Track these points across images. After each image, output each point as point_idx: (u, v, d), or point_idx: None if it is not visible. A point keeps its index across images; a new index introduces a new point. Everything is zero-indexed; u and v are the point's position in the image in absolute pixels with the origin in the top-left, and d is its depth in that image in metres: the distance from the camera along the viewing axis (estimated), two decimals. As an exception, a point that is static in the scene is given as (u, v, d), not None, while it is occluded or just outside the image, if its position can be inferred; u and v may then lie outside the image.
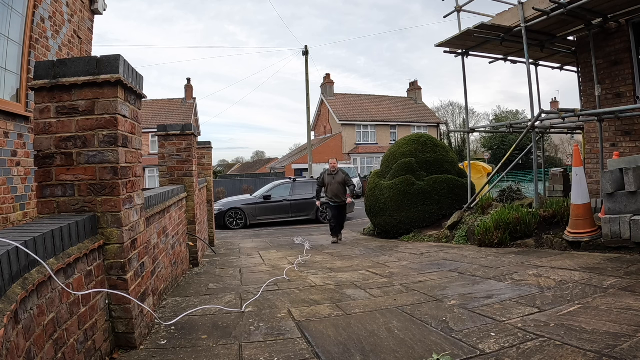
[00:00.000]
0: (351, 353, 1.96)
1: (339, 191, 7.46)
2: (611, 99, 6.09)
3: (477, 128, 10.64)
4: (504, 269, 3.69)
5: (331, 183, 7.48)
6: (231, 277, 4.13)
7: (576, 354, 1.73)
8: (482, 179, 10.53)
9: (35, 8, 3.81)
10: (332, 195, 7.50)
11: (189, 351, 2.07)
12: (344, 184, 7.50)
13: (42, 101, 1.96)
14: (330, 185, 7.50)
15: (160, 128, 4.76)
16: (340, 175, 7.50)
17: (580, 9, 5.32)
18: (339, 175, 7.50)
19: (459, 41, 6.84)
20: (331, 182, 7.48)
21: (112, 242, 1.98)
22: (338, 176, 7.50)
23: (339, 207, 7.58)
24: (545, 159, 9.89)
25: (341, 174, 7.54)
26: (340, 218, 7.69)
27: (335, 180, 7.47)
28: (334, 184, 7.46)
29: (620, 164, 4.23)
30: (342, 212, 7.72)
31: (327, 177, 7.59)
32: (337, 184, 7.46)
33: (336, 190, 7.46)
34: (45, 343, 1.42)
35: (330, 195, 7.53)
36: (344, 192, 7.53)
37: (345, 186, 7.52)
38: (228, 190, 23.22)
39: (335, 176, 7.51)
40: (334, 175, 7.52)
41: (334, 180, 7.48)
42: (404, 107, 33.75)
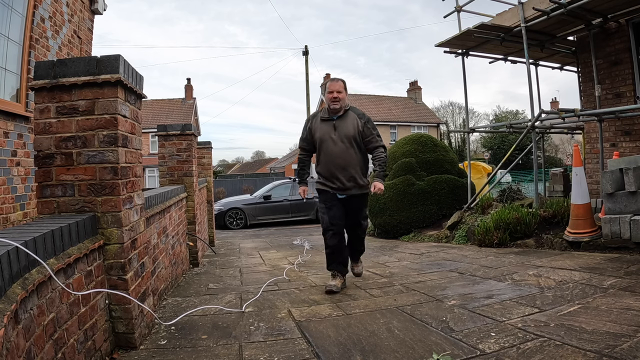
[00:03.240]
0: (351, 353, 1.96)
1: (348, 161, 3.30)
2: (611, 99, 6.09)
3: (477, 128, 10.65)
4: (504, 269, 3.69)
5: (331, 140, 3.32)
6: (231, 277, 4.13)
7: (576, 354, 1.73)
8: (482, 179, 10.53)
9: (35, 8, 3.81)
10: (334, 169, 3.31)
11: (189, 351, 2.07)
12: (364, 146, 3.38)
13: (42, 101, 1.95)
14: (327, 145, 3.33)
15: (160, 128, 4.76)
16: (353, 121, 3.34)
17: (580, 9, 5.32)
18: (349, 121, 3.33)
19: (458, 41, 6.84)
20: (330, 137, 3.32)
21: (112, 242, 1.98)
22: (347, 123, 3.33)
23: (350, 201, 3.38)
24: (545, 159, 9.89)
25: (355, 118, 3.36)
26: (352, 234, 3.57)
27: (342, 132, 3.30)
28: (339, 143, 3.30)
29: (620, 164, 4.23)
30: (355, 215, 3.47)
31: (321, 125, 3.40)
32: (346, 140, 3.29)
33: (343, 158, 3.29)
34: (45, 343, 1.42)
35: (328, 172, 3.36)
36: (362, 166, 3.40)
37: (364, 152, 3.41)
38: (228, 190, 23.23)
39: (342, 123, 3.33)
40: (338, 122, 3.34)
41: (339, 132, 3.31)
42: (404, 107, 33.74)
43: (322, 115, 3.44)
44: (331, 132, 3.34)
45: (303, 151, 3.60)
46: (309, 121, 3.53)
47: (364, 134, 3.35)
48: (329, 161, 3.35)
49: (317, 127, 3.42)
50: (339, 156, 3.31)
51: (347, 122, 3.35)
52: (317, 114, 3.52)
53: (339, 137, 3.31)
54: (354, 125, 3.33)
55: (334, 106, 3.35)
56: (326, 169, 3.38)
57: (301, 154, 3.63)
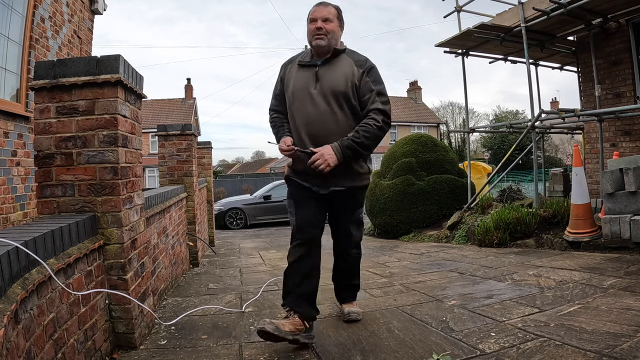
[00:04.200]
0: (351, 353, 1.96)
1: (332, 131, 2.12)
2: (611, 99, 6.09)
3: (477, 128, 10.66)
4: (504, 269, 3.69)
5: (308, 97, 2.16)
6: (231, 277, 4.13)
7: (576, 354, 1.73)
8: (482, 179, 10.53)
9: (35, 8, 3.81)
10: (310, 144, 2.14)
11: (189, 351, 2.07)
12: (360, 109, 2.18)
13: (42, 101, 1.95)
14: (303, 104, 2.17)
15: (160, 128, 4.76)
16: (347, 70, 2.16)
17: (580, 9, 5.32)
18: (340, 70, 2.17)
19: (458, 41, 6.84)
20: (308, 91, 2.16)
21: (112, 242, 1.98)
22: (337, 72, 2.16)
23: (336, 198, 2.24)
24: (545, 159, 9.89)
25: (350, 65, 2.18)
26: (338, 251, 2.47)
27: (328, 84, 2.14)
28: (319, 103, 2.13)
29: (620, 164, 4.23)
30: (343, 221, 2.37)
31: (298, 74, 2.24)
32: (332, 99, 2.13)
33: (324, 126, 2.13)
34: (45, 343, 1.42)
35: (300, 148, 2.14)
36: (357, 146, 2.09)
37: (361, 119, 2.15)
38: (228, 190, 23.23)
39: (328, 71, 2.17)
40: (324, 70, 2.18)
41: (322, 85, 2.15)
42: (404, 107, 33.74)
43: (302, 59, 2.25)
44: (310, 84, 2.13)
45: (275, 114, 2.33)
46: (283, 68, 2.33)
47: (362, 90, 2.13)
48: (302, 130, 2.14)
49: (291, 76, 2.23)
50: (318, 122, 2.11)
51: (337, 70, 2.14)
52: (295, 58, 2.32)
53: (321, 92, 2.11)
54: (346, 76, 2.12)
55: (318, 42, 2.14)
56: (298, 143, 2.17)
57: (273, 116, 2.34)
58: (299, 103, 2.20)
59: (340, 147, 2.07)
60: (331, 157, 2.05)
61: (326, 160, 2.04)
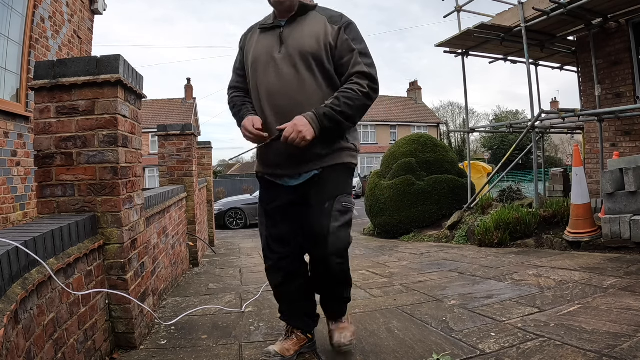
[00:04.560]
0: (351, 353, 1.96)
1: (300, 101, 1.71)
2: (611, 99, 6.10)
3: (477, 128, 10.66)
4: (504, 269, 3.69)
5: (271, 63, 1.76)
6: (231, 277, 4.13)
7: (576, 354, 1.73)
8: (482, 179, 10.53)
9: (35, 8, 3.81)
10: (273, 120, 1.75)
11: (189, 351, 2.07)
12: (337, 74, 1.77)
13: (42, 101, 1.96)
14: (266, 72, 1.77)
15: (160, 128, 4.76)
16: (318, 29, 1.75)
17: (580, 9, 5.32)
18: (308, 29, 1.76)
19: (458, 41, 6.85)
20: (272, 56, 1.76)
21: (112, 242, 1.98)
22: (304, 31, 1.76)
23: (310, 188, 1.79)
24: (545, 159, 9.90)
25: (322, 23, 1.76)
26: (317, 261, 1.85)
27: (294, 46, 1.73)
28: (284, 68, 1.73)
29: (620, 164, 4.23)
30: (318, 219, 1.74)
31: (260, 39, 1.84)
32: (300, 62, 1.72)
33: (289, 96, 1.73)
34: (45, 343, 1.42)
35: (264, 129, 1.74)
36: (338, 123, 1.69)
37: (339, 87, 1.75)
38: (228, 190, 23.23)
39: (295, 31, 1.77)
40: (289, 30, 1.78)
41: (288, 47, 1.74)
42: (404, 107, 33.76)
43: (264, 22, 1.89)
44: (274, 48, 1.77)
45: (235, 92, 1.94)
46: (244, 37, 1.95)
47: (339, 51, 1.73)
48: (265, 105, 1.77)
49: (252, 44, 1.86)
50: (283, 93, 1.73)
51: (305, 28, 1.76)
52: (257, 24, 1.94)
53: (287, 56, 1.73)
54: (317, 35, 1.74)
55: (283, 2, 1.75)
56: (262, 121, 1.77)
57: (233, 95, 1.94)
58: (261, 72, 1.79)
59: (316, 116, 1.65)
60: (306, 129, 1.62)
61: (300, 133, 1.61)
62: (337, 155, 1.81)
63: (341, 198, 1.78)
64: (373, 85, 1.75)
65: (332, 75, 1.78)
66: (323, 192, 1.77)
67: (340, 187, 1.80)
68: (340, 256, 1.80)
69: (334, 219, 1.74)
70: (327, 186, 1.77)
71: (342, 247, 1.79)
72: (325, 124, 1.67)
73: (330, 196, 1.76)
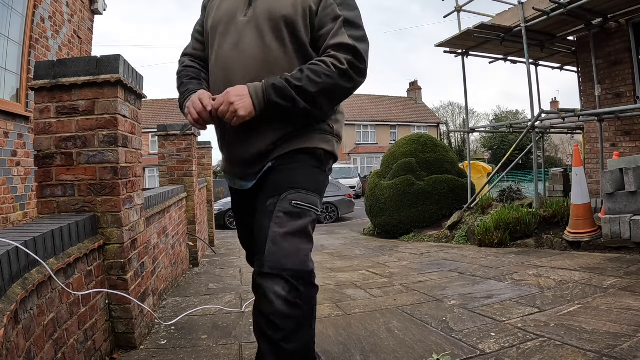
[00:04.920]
0: (351, 353, 1.96)
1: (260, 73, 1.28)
2: (611, 99, 6.10)
3: (477, 128, 10.66)
4: (504, 269, 3.69)
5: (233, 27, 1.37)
6: (231, 277, 4.13)
7: (576, 354, 1.73)
8: (482, 179, 10.53)
9: (35, 8, 3.82)
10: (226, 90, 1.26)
11: (189, 351, 2.07)
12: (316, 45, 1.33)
13: (42, 101, 1.96)
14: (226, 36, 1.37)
15: (160, 128, 4.76)
16: None
17: (580, 9, 5.32)
18: None
19: (458, 41, 6.85)
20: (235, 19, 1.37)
21: (112, 242, 1.98)
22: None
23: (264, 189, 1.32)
24: (545, 159, 9.90)
25: None
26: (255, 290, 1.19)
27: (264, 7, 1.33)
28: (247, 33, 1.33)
29: (620, 164, 4.23)
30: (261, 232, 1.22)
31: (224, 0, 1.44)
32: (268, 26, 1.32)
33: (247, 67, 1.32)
34: (45, 343, 1.42)
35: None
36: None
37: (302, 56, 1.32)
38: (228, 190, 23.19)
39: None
40: None
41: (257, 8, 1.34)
42: (404, 107, 33.76)
43: None
44: (239, 9, 1.40)
45: (189, 59, 1.56)
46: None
47: (320, 19, 1.33)
48: (219, 80, 1.40)
49: (217, 2, 1.50)
50: (242, 66, 1.34)
51: None
52: None
53: (253, 20, 1.36)
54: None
55: None
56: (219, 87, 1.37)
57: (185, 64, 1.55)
58: (218, 40, 1.40)
59: (263, 87, 1.20)
60: (242, 101, 1.17)
61: (232, 105, 1.17)
62: (301, 138, 1.31)
63: (292, 195, 1.23)
64: (357, 63, 1.26)
65: (308, 50, 1.33)
66: (269, 187, 1.29)
67: (296, 179, 1.27)
68: (286, 282, 1.12)
69: (276, 222, 1.19)
70: (278, 178, 1.28)
71: (288, 267, 1.14)
72: (273, 99, 1.18)
73: (276, 191, 1.25)
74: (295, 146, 1.31)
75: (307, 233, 1.24)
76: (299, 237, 1.21)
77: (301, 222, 1.23)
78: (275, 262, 1.14)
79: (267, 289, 1.12)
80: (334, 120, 1.43)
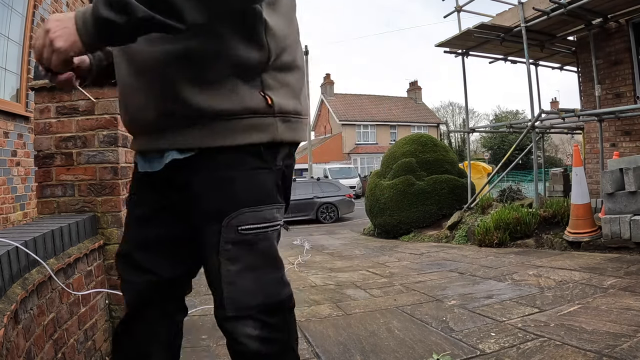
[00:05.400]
0: (351, 353, 1.96)
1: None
2: (611, 99, 6.10)
3: (477, 128, 10.66)
4: (504, 269, 3.69)
5: None
6: (231, 277, 4.13)
7: (576, 354, 1.73)
8: (482, 179, 10.53)
9: (35, 8, 3.81)
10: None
11: (189, 351, 2.07)
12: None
13: (42, 101, 1.96)
14: None
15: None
16: None
17: (580, 9, 5.32)
18: None
19: (458, 41, 6.85)
20: None
21: (112, 242, 1.98)
22: None
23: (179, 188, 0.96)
24: (545, 159, 9.90)
25: None
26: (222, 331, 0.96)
27: None
28: None
29: (620, 164, 4.23)
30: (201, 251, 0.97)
31: None
32: None
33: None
34: (45, 343, 1.42)
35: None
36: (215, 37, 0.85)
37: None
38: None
39: None
40: None
41: None
42: (404, 107, 33.76)
43: None
44: None
45: None
46: None
47: None
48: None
49: None
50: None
51: None
52: None
53: None
54: None
55: None
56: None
57: None
58: None
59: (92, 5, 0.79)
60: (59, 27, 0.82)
61: (47, 34, 0.83)
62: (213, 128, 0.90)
63: (236, 218, 0.92)
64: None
65: None
66: (202, 208, 0.95)
67: (234, 195, 0.92)
68: (256, 321, 0.93)
69: (226, 257, 0.92)
70: (209, 196, 0.93)
71: (255, 304, 0.94)
72: (102, 14, 0.76)
73: (213, 216, 0.93)
74: (210, 142, 0.90)
75: (269, 259, 0.97)
76: (260, 268, 0.95)
77: (257, 251, 0.95)
78: (238, 302, 0.94)
79: (237, 334, 0.94)
80: (273, 83, 0.93)
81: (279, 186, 1.00)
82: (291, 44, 0.99)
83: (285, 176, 1.02)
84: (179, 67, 0.89)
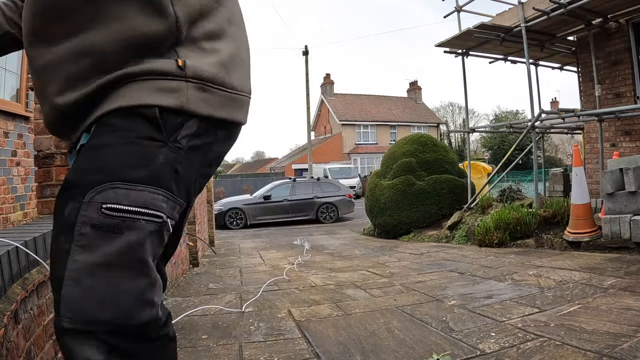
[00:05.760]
0: (351, 353, 1.96)
1: None
2: (611, 99, 6.09)
3: (477, 128, 10.66)
4: (504, 269, 3.69)
5: None
6: (231, 277, 4.13)
7: (576, 354, 1.73)
8: (482, 179, 10.52)
9: (35, 8, 3.81)
10: None
11: (189, 351, 2.07)
12: None
13: (42, 101, 1.96)
14: None
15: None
16: None
17: (580, 9, 5.32)
18: None
19: (459, 41, 6.85)
20: None
21: (112, 242, 1.97)
22: None
23: None
24: (545, 159, 9.89)
25: None
26: None
27: None
28: None
29: (620, 164, 4.23)
30: None
31: None
32: None
33: None
34: (45, 343, 1.42)
35: None
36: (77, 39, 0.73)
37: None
38: (228, 190, 23.22)
39: None
40: None
41: None
42: (404, 107, 33.75)
43: None
44: None
45: None
46: None
47: None
48: None
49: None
50: None
51: None
52: None
53: None
54: None
55: None
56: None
57: None
58: None
59: None
60: None
61: None
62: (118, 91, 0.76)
63: (102, 193, 0.71)
64: None
65: None
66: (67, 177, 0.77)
67: (106, 163, 0.73)
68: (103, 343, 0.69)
69: (80, 243, 0.70)
70: (78, 164, 0.77)
71: (102, 318, 0.69)
72: None
73: (76, 187, 0.73)
74: (106, 107, 0.75)
75: (134, 259, 0.72)
76: (119, 268, 0.70)
77: (122, 243, 0.70)
78: (80, 311, 0.68)
79: (75, 355, 0.67)
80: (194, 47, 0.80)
81: (178, 173, 0.76)
82: (209, 7, 0.81)
83: (190, 162, 0.78)
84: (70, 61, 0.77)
